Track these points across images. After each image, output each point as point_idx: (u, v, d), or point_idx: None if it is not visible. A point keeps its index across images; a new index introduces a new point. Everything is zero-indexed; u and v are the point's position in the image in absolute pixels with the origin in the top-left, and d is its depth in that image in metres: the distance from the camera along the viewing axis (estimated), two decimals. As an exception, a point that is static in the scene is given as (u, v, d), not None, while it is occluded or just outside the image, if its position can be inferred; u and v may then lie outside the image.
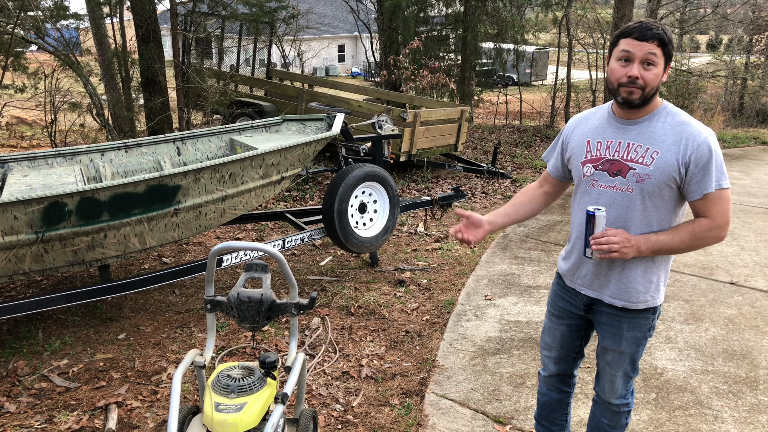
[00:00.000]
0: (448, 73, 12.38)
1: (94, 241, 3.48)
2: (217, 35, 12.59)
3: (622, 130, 2.06)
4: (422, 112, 8.40)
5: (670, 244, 2.02)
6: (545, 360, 2.51)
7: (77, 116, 8.33)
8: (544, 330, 2.48)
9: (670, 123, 1.99)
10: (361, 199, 4.78)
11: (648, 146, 2.00)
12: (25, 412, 3.06)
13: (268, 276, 2.44)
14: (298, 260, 5.37)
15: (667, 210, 2.04)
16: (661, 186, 1.99)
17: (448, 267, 5.27)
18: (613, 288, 2.15)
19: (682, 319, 4.19)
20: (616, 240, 1.99)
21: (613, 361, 2.26)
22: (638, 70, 1.93)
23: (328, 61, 36.71)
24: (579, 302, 2.29)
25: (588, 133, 2.16)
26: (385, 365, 3.63)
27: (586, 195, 2.14)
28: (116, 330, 3.97)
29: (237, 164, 3.86)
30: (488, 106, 16.35)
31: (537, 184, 2.46)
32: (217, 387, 2.27)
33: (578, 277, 2.24)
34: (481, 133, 12.85)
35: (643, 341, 2.21)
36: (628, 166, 2.02)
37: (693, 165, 1.94)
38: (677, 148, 1.95)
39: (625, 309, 2.16)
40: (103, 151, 4.48)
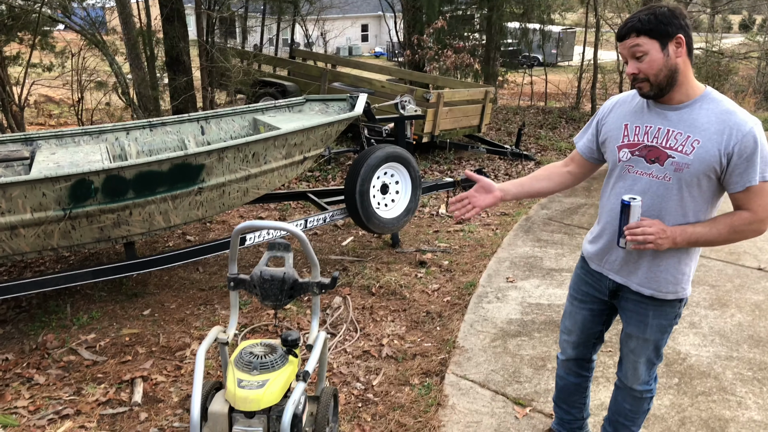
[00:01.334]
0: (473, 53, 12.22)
1: (120, 219, 3.53)
2: (240, 14, 12.58)
3: (662, 116, 1.99)
4: (446, 92, 8.32)
5: (707, 236, 1.96)
6: (564, 344, 2.49)
7: (103, 95, 8.41)
8: (565, 314, 2.45)
9: (714, 111, 1.91)
10: (383, 180, 4.77)
11: (689, 134, 1.92)
12: (54, 384, 3.15)
13: (291, 255, 2.46)
14: (320, 240, 5.39)
15: (704, 200, 1.98)
16: (700, 176, 1.92)
17: (470, 249, 5.26)
18: (641, 276, 2.10)
19: (707, 305, 4.13)
20: (651, 231, 1.93)
21: (637, 347, 2.23)
22: (633, 66, 1.92)
23: (352, 40, 36.50)
24: (604, 287, 2.25)
25: (626, 117, 2.10)
26: (405, 345, 3.64)
27: (620, 180, 2.09)
28: (141, 306, 4.04)
29: (260, 144, 3.87)
30: (513, 87, 16.14)
31: (562, 163, 2.40)
32: (240, 364, 2.30)
33: (606, 261, 2.20)
34: (505, 114, 12.71)
35: (668, 329, 2.18)
36: (667, 153, 1.96)
37: (736, 156, 1.87)
38: (720, 137, 1.88)
39: (652, 298, 2.12)
40: (128, 129, 4.53)
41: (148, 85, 8.09)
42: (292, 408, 2.16)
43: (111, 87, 8.12)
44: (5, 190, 3.09)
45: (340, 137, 9.10)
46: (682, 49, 1.89)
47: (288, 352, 2.38)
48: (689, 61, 1.93)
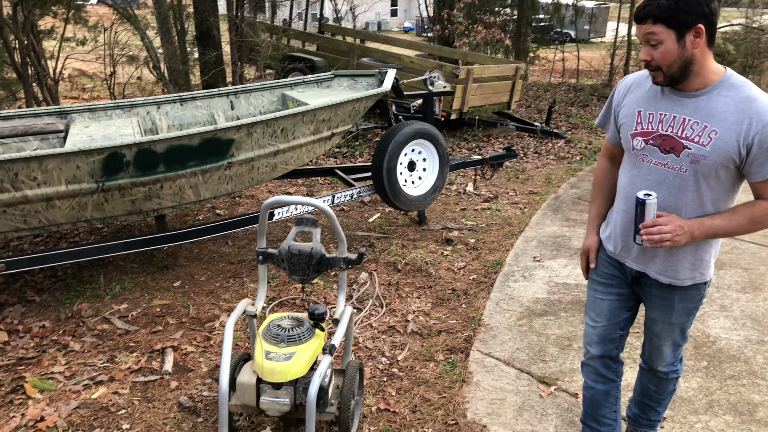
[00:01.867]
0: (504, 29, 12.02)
1: (151, 192, 3.59)
2: (270, -12, 12.52)
3: (678, 103, 1.89)
4: (475, 68, 8.22)
5: (726, 228, 1.88)
6: (588, 339, 2.31)
7: (135, 69, 8.50)
8: (588, 305, 2.31)
9: (734, 98, 1.81)
10: (410, 157, 4.76)
11: (706, 124, 1.83)
12: (88, 351, 3.24)
13: (318, 230, 2.48)
14: (347, 216, 5.42)
15: (723, 190, 1.90)
16: (718, 168, 1.83)
17: (497, 227, 5.23)
18: (659, 264, 2.04)
19: (739, 288, 4.06)
20: (667, 229, 1.85)
21: (663, 331, 2.18)
22: (646, 53, 1.83)
23: (381, 15, 36.14)
24: (626, 272, 2.18)
25: (640, 103, 1.99)
26: (430, 322, 3.66)
27: (634, 169, 2.01)
28: (172, 278, 4.12)
29: (289, 119, 3.88)
30: (544, 64, 15.87)
31: (607, 163, 2.28)
32: (268, 336, 2.34)
33: (624, 250, 2.12)
34: (535, 91, 12.52)
35: (694, 311, 2.13)
36: (683, 144, 1.87)
37: (756, 147, 1.77)
38: (739, 128, 1.78)
39: (671, 285, 2.06)
40: (159, 103, 4.58)
41: (178, 60, 8.14)
42: (319, 380, 2.20)
43: (142, 61, 8.20)
44: (41, 162, 3.16)
45: (368, 113, 9.07)
46: (701, 39, 1.78)
47: (315, 325, 2.41)
48: (708, 50, 1.82)
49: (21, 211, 3.28)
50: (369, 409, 2.83)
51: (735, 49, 14.30)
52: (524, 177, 6.88)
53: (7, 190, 3.17)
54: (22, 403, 2.82)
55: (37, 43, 6.83)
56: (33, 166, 3.16)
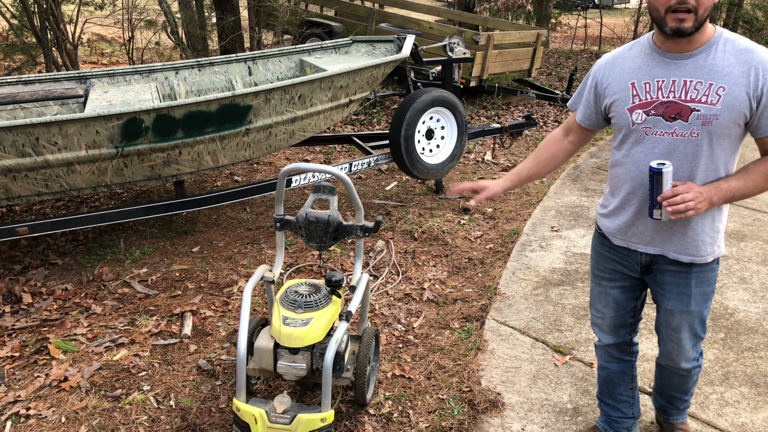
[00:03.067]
0: (526, -6, 11.74)
1: (170, 158, 3.61)
2: (288, -48, 12.32)
3: (675, 66, 1.78)
4: (496, 34, 8.07)
5: (744, 189, 1.80)
6: (597, 330, 2.28)
7: (153, 34, 8.47)
8: (593, 296, 2.24)
9: (732, 52, 1.73)
10: (428, 125, 4.72)
11: (711, 82, 1.73)
12: (110, 314, 3.31)
13: (335, 198, 2.48)
14: (364, 184, 5.41)
15: (732, 150, 1.82)
16: (731, 126, 1.75)
17: (515, 197, 5.20)
18: (677, 242, 1.92)
19: (759, 260, 4.01)
20: (690, 196, 1.73)
21: (681, 324, 2.04)
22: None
23: (400, -21, 35.47)
24: (634, 263, 2.05)
25: (630, 74, 1.87)
26: (446, 290, 3.68)
27: (638, 145, 1.87)
28: (191, 243, 4.17)
29: (306, 86, 3.86)
30: (566, 30, 15.53)
31: (561, 133, 2.20)
32: (285, 302, 2.37)
33: (633, 234, 1.99)
34: (557, 58, 12.28)
35: (711, 295, 2.02)
36: (690, 107, 1.76)
37: (766, 97, 1.70)
38: (746, 80, 1.70)
39: (692, 264, 1.94)
40: (177, 69, 4.57)
41: (196, 25, 8.09)
42: (335, 346, 2.23)
43: (160, 26, 8.16)
44: (61, 127, 3.18)
45: (386, 80, 8.98)
46: None
47: (332, 292, 2.43)
48: None
49: (42, 175, 3.32)
50: (384, 375, 2.86)
51: (764, 16, 13.87)
52: (543, 146, 6.80)
53: (28, 154, 3.20)
54: (46, 364, 2.89)
55: (56, 7, 6.82)
56: (53, 131, 3.18)
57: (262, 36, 9.14)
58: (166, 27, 8.06)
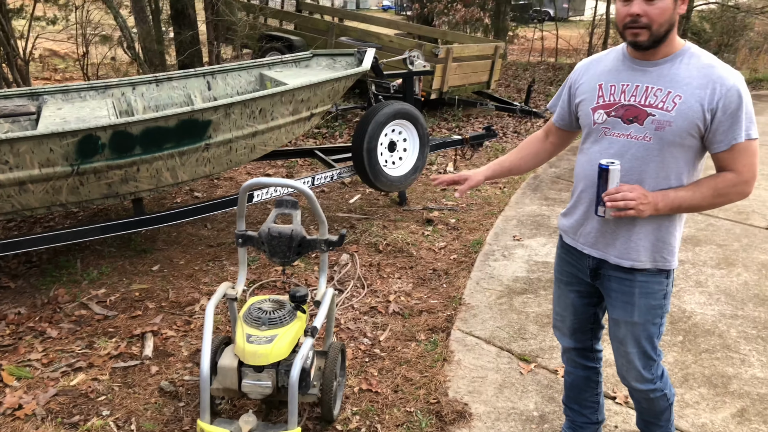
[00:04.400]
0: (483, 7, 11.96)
1: (128, 175, 3.53)
2: (246, -34, 12.28)
3: (640, 72, 1.85)
4: (455, 47, 8.17)
5: (691, 201, 1.82)
6: (558, 333, 2.31)
7: (108, 49, 8.32)
8: (554, 298, 2.28)
9: (696, 65, 1.78)
10: (390, 138, 4.73)
11: (669, 89, 1.78)
12: (66, 338, 3.20)
13: (298, 212, 2.46)
14: (328, 197, 5.40)
15: (686, 162, 1.83)
16: (683, 135, 1.78)
17: (477, 207, 5.25)
18: (620, 247, 1.94)
19: (713, 264, 4.13)
20: (632, 196, 1.78)
21: (627, 336, 2.03)
22: (639, 6, 1.73)
23: (359, -7, 35.72)
24: (584, 266, 2.07)
25: (600, 76, 1.94)
26: (412, 302, 3.68)
27: (596, 145, 1.93)
28: (150, 262, 4.08)
29: (267, 100, 3.83)
30: (523, 43, 15.86)
31: (542, 134, 2.26)
32: (249, 319, 2.33)
33: (581, 234, 2.03)
34: (515, 70, 12.51)
35: (657, 311, 1.98)
36: (646, 112, 1.81)
37: (720, 112, 1.74)
38: (703, 92, 1.75)
39: (633, 270, 1.94)
40: (134, 84, 4.49)
41: (153, 40, 7.99)
42: (301, 362, 2.20)
43: (116, 41, 8.03)
44: (13, 145, 3.09)
45: (347, 93, 9.00)
46: (685, 5, 1.77)
47: (296, 308, 2.41)
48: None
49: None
50: (351, 389, 2.84)
51: (711, 28, 14.41)
52: (504, 156, 6.89)
53: (-23, 174, 3.09)
54: (0, 392, 2.78)
55: (6, 22, 6.65)
56: (4, 150, 3.08)
57: (221, 50, 9.07)
58: (122, 42, 7.93)
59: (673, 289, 2.04)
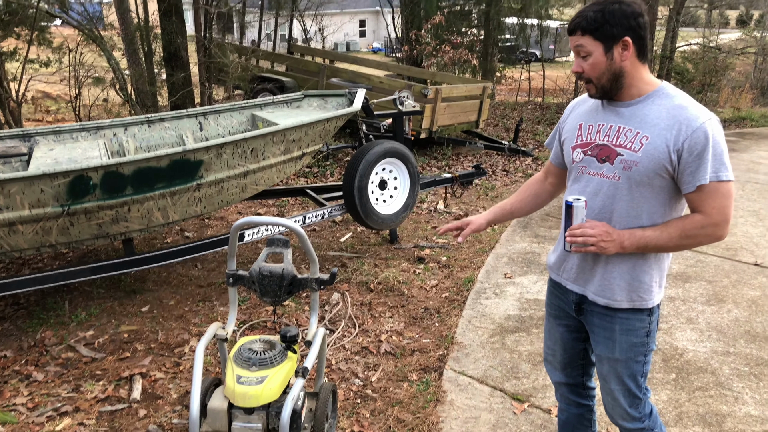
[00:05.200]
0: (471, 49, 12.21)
1: (118, 215, 3.53)
2: (238, 10, 12.54)
3: (614, 113, 1.90)
4: (444, 88, 8.31)
5: (657, 240, 1.83)
6: (549, 367, 2.31)
7: (101, 91, 8.39)
8: (545, 332, 2.29)
9: (666, 106, 1.81)
10: (381, 176, 4.77)
11: (638, 130, 1.83)
12: (52, 381, 3.15)
13: (290, 251, 2.46)
14: (319, 236, 5.40)
15: (659, 202, 1.85)
16: (651, 174, 1.81)
17: (468, 245, 5.26)
18: (596, 284, 1.97)
19: (704, 300, 4.14)
20: (592, 233, 1.83)
21: (610, 373, 2.03)
22: (578, 65, 1.86)
23: (350, 36, 36.43)
24: (569, 301, 2.10)
25: (581, 116, 2.01)
26: (404, 341, 3.65)
27: (575, 183, 1.99)
28: (140, 303, 4.04)
29: (258, 140, 3.87)
30: (511, 83, 16.14)
31: (542, 175, 2.30)
32: (239, 360, 2.31)
33: (564, 270, 2.08)
34: (503, 110, 12.70)
35: (640, 348, 1.98)
36: (616, 151, 1.86)
37: (686, 153, 1.75)
38: (669, 133, 1.77)
39: (612, 308, 1.96)
40: (126, 125, 4.52)
41: (145, 81, 8.08)
42: (291, 404, 2.17)
43: (109, 83, 8.10)
44: (3, 186, 3.09)
45: (338, 133, 9.09)
46: (629, 51, 1.80)
47: (287, 348, 2.38)
48: (640, 62, 1.84)
49: (-18, 236, 3.19)
50: (343, 431, 2.79)
51: (694, 68, 14.76)
52: (494, 194, 6.95)
53: (-33, 215, 3.08)
54: (-17, 437, 2.72)
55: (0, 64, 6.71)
56: (-5, 191, 3.08)
57: (213, 91, 9.18)
58: (114, 84, 8.01)
59: (658, 326, 2.04)
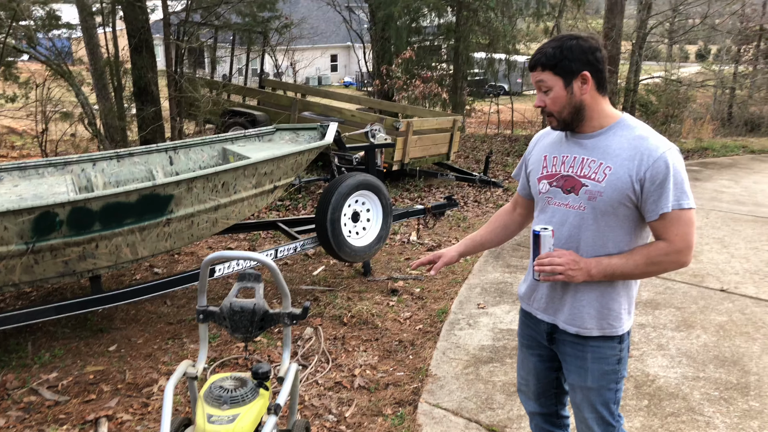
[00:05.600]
0: (441, 83, 12.44)
1: (86, 252, 3.46)
2: (209, 45, 12.60)
3: (578, 145, 1.95)
4: (415, 121, 8.42)
5: (623, 268, 1.87)
6: (523, 397, 2.31)
7: (68, 126, 8.30)
8: (518, 362, 2.30)
9: (627, 137, 1.87)
10: (354, 208, 4.78)
11: (601, 161, 1.88)
12: (14, 427, 3.03)
13: (261, 286, 2.43)
14: (291, 270, 5.35)
15: (625, 231, 1.90)
16: (615, 204, 1.86)
17: (441, 276, 5.27)
18: (566, 313, 1.99)
19: (673, 326, 4.20)
20: (560, 261, 1.86)
21: (583, 401, 2.05)
22: (540, 99, 1.92)
23: (321, 70, 36.81)
24: (541, 330, 2.12)
25: (546, 148, 2.06)
26: (378, 375, 3.62)
27: (542, 213, 2.03)
28: (107, 342, 3.94)
29: (230, 174, 3.86)
30: (480, 116, 16.42)
31: (510, 207, 2.34)
32: (210, 398, 2.26)
33: (534, 300, 2.10)
34: (473, 142, 12.89)
35: (612, 376, 2.01)
36: (581, 182, 1.91)
37: (648, 182, 1.81)
38: (631, 163, 1.83)
39: (582, 336, 1.99)
40: (95, 160, 4.47)
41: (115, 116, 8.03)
42: (264, 443, 2.12)
43: (77, 118, 8.03)
44: (-35, 224, 3.01)
45: (310, 166, 9.10)
46: (588, 85, 1.86)
47: (259, 385, 2.34)
48: (600, 95, 1.90)
49: (-58, 276, 3.10)
50: (317, 469, 2.74)
51: (657, 100, 15.22)
52: (465, 225, 7.00)
53: (-74, 254, 2.99)
54: (-62, 486, 2.59)
55: (-36, 100, 6.61)
56: (-44, 229, 3.00)
57: (184, 126, 9.15)
58: (83, 118, 7.94)
59: (630, 353, 2.06)
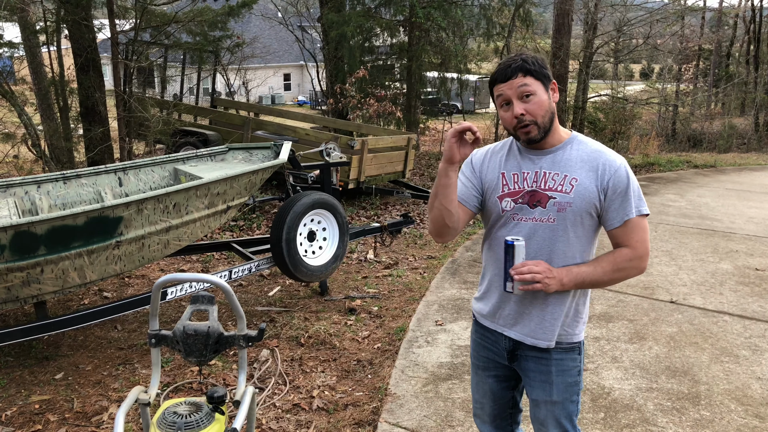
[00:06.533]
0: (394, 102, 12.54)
1: (30, 277, 3.32)
2: (159, 64, 12.41)
3: (536, 161, 1.98)
4: (370, 139, 8.46)
5: (593, 275, 1.93)
6: (479, 421, 2.31)
7: (11, 147, 8.01)
8: (472, 387, 2.29)
9: (585, 151, 1.96)
10: (309, 227, 4.74)
11: (566, 173, 1.93)
12: (-49, 462, 2.87)
13: (215, 308, 2.38)
14: (246, 291, 5.26)
15: (587, 240, 1.98)
16: (583, 214, 1.93)
17: (399, 293, 5.27)
18: (534, 326, 2.01)
19: (626, 339, 4.29)
20: (538, 270, 1.88)
21: (548, 417, 2.07)
22: (521, 107, 1.88)
23: (274, 89, 36.69)
24: (501, 349, 2.12)
25: (501, 166, 2.04)
26: (336, 396, 3.57)
27: (502, 229, 2.02)
28: (53, 369, 3.78)
29: (181, 194, 3.78)
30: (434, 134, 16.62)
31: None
32: (163, 425, 2.18)
33: (500, 317, 2.09)
34: (428, 159, 13.02)
35: (574, 388, 2.06)
36: (548, 195, 1.94)
37: (611, 191, 1.91)
38: (594, 174, 1.92)
39: (548, 350, 2.02)
40: (39, 182, 4.32)
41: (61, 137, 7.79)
42: (220, 470, 2.06)
43: (20, 139, 7.76)
44: None
45: (265, 185, 9.02)
46: (556, 94, 1.95)
47: (214, 409, 2.28)
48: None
49: None
50: (276, 495, 2.67)
51: (605, 117, 15.73)
52: (422, 242, 7.04)
53: None
54: None
55: None
56: None
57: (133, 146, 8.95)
58: (26, 140, 7.68)
59: (588, 365, 2.09)
